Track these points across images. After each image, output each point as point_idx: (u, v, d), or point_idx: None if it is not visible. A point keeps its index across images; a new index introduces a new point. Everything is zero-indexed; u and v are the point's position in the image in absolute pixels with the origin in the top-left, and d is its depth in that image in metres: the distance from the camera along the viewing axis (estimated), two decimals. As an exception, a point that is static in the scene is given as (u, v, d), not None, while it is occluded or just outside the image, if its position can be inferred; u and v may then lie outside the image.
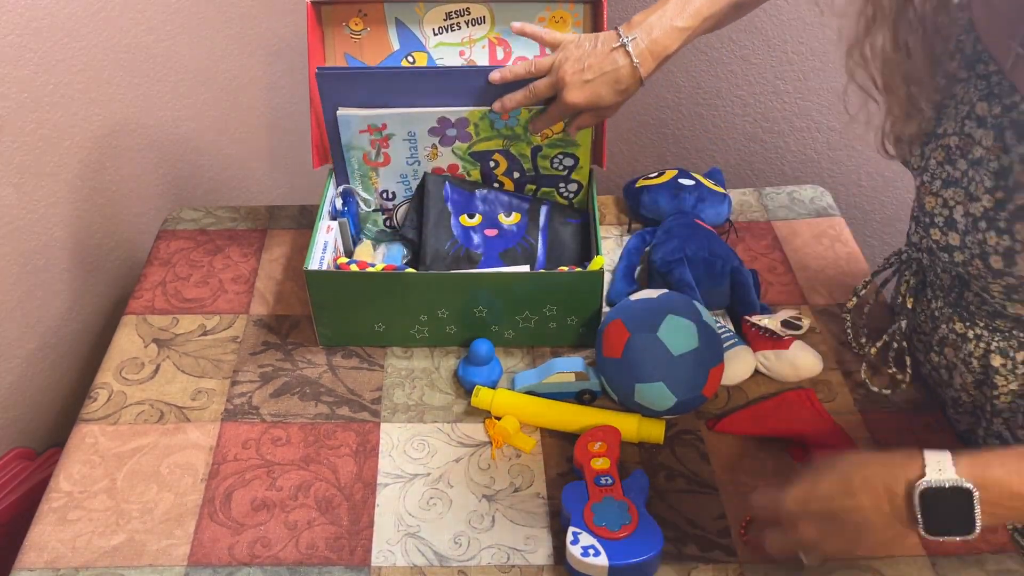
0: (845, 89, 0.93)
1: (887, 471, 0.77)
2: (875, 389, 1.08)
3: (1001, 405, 0.97)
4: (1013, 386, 0.95)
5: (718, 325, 1.11)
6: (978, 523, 0.73)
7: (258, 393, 1.09)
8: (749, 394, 1.09)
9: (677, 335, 0.99)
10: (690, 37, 1.06)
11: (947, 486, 0.73)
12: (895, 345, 1.07)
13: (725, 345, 1.08)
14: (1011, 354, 0.94)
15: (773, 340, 1.11)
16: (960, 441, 1.04)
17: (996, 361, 0.95)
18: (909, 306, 1.05)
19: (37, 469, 1.38)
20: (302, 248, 1.31)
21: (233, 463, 1.01)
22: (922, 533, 0.74)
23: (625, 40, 1.04)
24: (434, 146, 1.18)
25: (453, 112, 1.14)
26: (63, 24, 1.27)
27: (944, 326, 1.00)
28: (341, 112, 1.13)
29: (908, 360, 1.06)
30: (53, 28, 1.26)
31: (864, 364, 1.09)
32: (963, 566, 0.91)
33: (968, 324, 0.97)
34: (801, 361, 1.09)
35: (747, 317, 1.14)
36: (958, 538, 0.74)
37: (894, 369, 1.07)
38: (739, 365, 1.09)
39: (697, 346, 0.99)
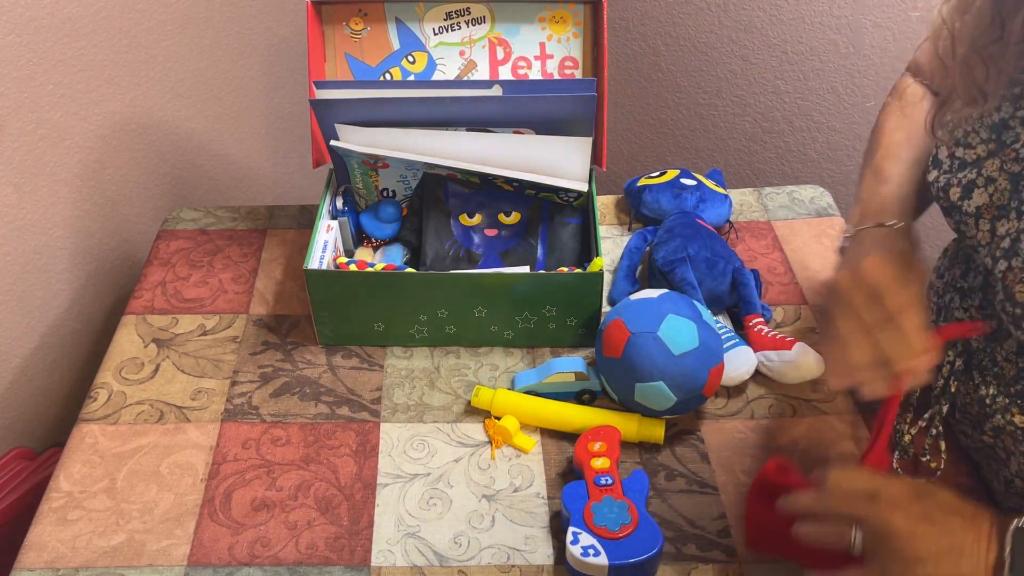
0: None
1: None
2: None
3: None
4: None
5: (718, 325, 1.11)
6: None
7: (258, 393, 1.09)
8: (749, 394, 1.09)
9: (677, 334, 0.99)
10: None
11: None
12: (933, 431, 0.96)
13: (726, 345, 1.08)
14: None
15: (775, 340, 1.11)
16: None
17: None
18: (953, 390, 0.95)
19: (37, 469, 1.37)
20: (302, 248, 1.31)
21: (233, 463, 1.01)
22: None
23: None
24: (431, 166, 1.18)
25: (448, 166, 1.13)
26: (63, 24, 1.27)
27: (1000, 416, 0.90)
28: (335, 144, 1.13)
29: (943, 446, 0.96)
30: (53, 28, 1.26)
31: (897, 452, 0.97)
32: (963, 566, 0.91)
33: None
34: (802, 362, 1.09)
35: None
36: None
37: (928, 456, 0.96)
38: (740, 365, 1.09)
39: (697, 345, 0.99)
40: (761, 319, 1.15)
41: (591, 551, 0.86)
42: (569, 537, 0.88)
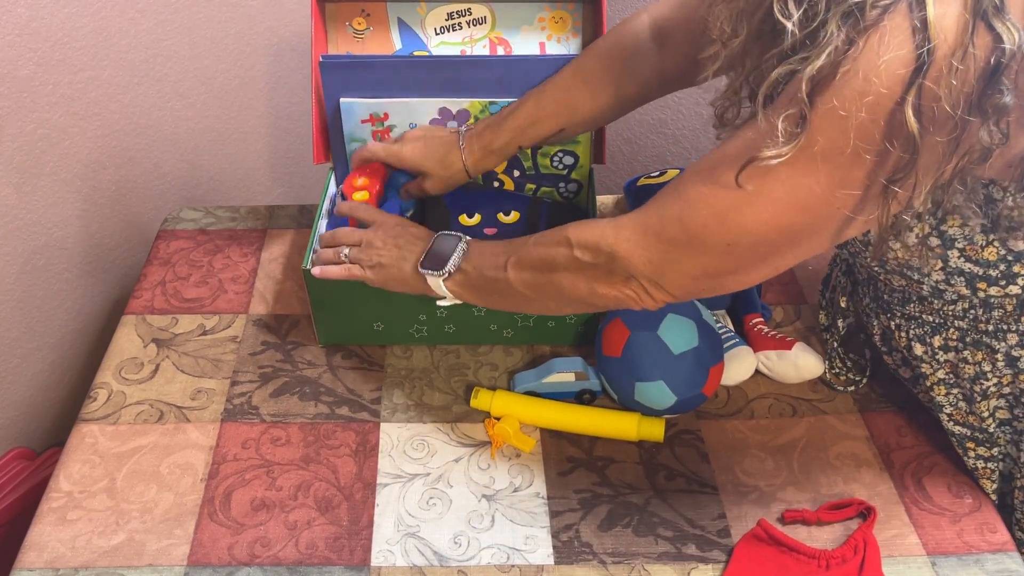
0: None
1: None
2: (840, 389, 1.09)
3: (940, 399, 0.97)
4: (940, 374, 0.95)
5: (718, 325, 1.11)
6: (450, 264, 0.96)
7: (258, 393, 1.09)
8: (749, 394, 1.09)
9: (677, 333, 0.99)
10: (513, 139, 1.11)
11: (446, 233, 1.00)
12: (836, 346, 1.10)
13: (726, 345, 1.08)
14: (927, 340, 0.94)
15: (775, 340, 1.11)
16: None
17: (918, 350, 0.95)
18: (843, 305, 1.07)
19: (37, 469, 1.38)
20: (302, 248, 1.31)
21: (233, 463, 1.01)
22: (419, 267, 0.98)
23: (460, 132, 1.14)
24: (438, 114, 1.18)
25: (454, 103, 1.14)
26: (63, 24, 1.27)
27: (875, 321, 1.01)
28: (344, 100, 1.14)
29: (868, 357, 1.09)
30: (53, 28, 1.26)
31: (827, 363, 1.11)
32: (963, 566, 0.91)
33: (888, 316, 0.98)
34: (803, 362, 1.09)
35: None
36: (436, 274, 0.97)
37: (855, 375, 1.10)
38: (740, 365, 1.09)
39: (697, 344, 0.99)
40: (761, 319, 1.15)
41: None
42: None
